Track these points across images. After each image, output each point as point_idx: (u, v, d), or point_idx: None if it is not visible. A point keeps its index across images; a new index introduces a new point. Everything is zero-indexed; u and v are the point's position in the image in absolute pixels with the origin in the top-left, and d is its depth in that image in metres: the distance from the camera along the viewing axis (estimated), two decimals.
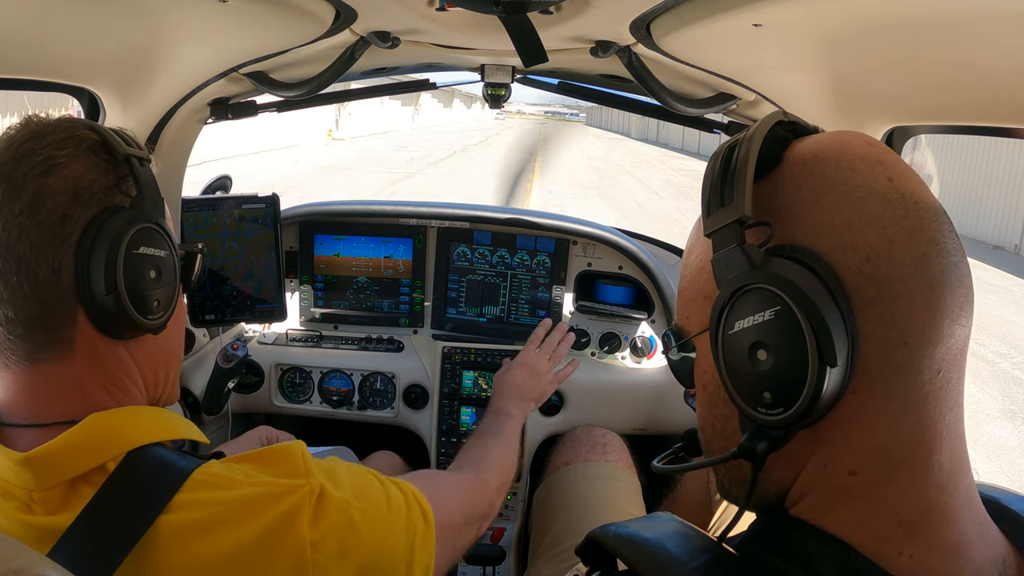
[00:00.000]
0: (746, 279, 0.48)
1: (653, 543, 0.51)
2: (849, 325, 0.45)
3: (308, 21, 1.00)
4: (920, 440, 0.46)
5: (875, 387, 0.46)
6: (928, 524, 0.46)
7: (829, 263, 0.46)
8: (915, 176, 0.50)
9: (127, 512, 0.59)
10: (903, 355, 0.46)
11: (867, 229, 0.47)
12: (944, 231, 0.48)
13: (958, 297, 0.47)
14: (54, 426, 0.62)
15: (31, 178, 0.63)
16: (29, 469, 0.59)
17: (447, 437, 1.77)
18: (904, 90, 0.91)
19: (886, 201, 0.47)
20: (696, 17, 0.87)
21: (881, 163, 0.49)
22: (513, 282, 1.89)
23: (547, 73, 1.63)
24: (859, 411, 0.47)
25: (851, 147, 0.50)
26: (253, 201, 1.54)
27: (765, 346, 0.47)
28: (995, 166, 11.97)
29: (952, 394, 0.47)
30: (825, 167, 0.49)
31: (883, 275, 0.46)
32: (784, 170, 0.51)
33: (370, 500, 0.71)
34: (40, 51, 0.96)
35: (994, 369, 6.03)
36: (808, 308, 0.44)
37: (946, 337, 0.46)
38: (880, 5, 0.71)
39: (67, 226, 0.64)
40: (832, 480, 0.48)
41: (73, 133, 0.68)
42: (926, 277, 0.46)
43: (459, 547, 0.91)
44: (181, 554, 0.59)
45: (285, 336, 1.88)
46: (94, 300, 0.64)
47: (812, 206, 0.49)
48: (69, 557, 0.54)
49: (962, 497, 0.47)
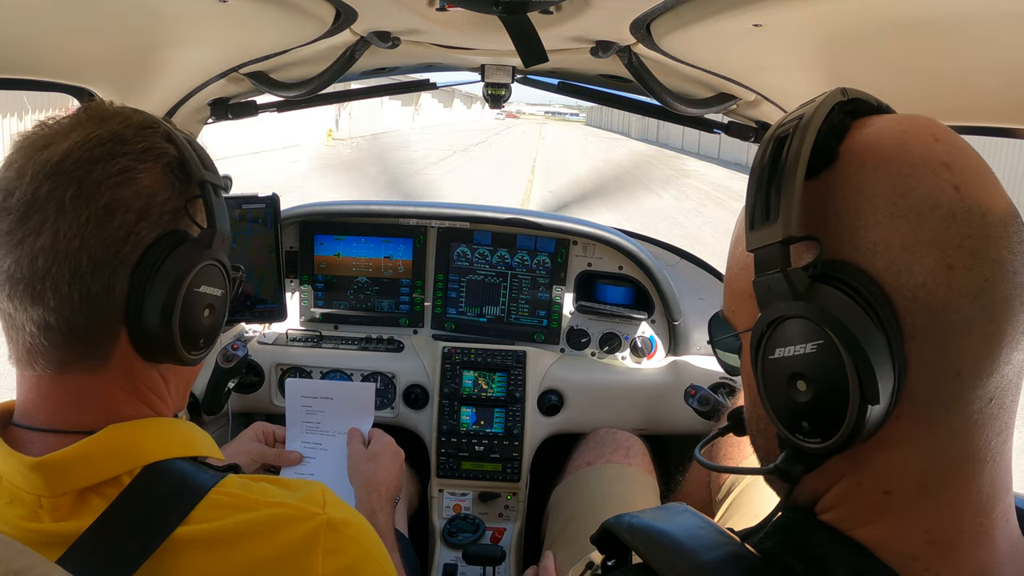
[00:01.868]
0: (788, 309, 0.45)
1: (667, 535, 0.50)
2: (897, 355, 0.42)
3: (308, 21, 1.00)
4: (961, 464, 0.44)
5: (920, 416, 0.44)
6: (959, 545, 0.45)
7: (881, 286, 0.43)
8: (984, 177, 0.45)
9: (142, 526, 0.58)
10: (954, 386, 0.43)
11: (925, 251, 0.42)
12: (1013, 245, 0.43)
13: (1020, 322, 0.43)
14: (72, 434, 0.61)
15: (106, 186, 0.60)
16: (40, 474, 0.58)
17: (447, 437, 1.77)
18: (904, 90, 0.90)
19: (950, 218, 0.42)
20: (696, 17, 0.87)
21: (948, 167, 0.44)
22: (513, 282, 1.89)
23: (547, 73, 1.63)
24: (901, 438, 0.45)
25: (916, 145, 0.45)
26: (253, 201, 1.54)
27: (805, 378, 0.44)
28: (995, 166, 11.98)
29: (1003, 418, 0.45)
30: (884, 173, 0.45)
31: (939, 303, 0.42)
32: (839, 171, 0.46)
33: (381, 556, 0.70)
34: (40, 51, 0.96)
35: None
36: (852, 346, 0.42)
37: (1002, 365, 0.43)
38: (880, 5, 0.71)
39: (129, 245, 0.61)
40: (865, 497, 0.47)
41: (154, 144, 0.64)
42: (986, 305, 0.42)
43: None
44: (193, 570, 0.58)
45: (285, 336, 1.88)
46: (143, 328, 0.62)
47: (868, 220, 0.44)
48: (78, 567, 0.53)
49: (999, 519, 0.46)
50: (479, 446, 1.76)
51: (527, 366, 1.79)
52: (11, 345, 0.62)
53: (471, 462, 1.76)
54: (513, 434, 1.76)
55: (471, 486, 1.78)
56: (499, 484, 1.77)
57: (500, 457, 1.76)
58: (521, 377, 1.78)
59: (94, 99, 1.12)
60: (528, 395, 1.78)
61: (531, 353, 1.82)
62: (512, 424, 1.76)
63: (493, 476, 1.76)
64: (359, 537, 0.66)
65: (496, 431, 1.77)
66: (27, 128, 0.64)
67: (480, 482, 1.77)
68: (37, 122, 0.64)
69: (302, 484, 0.68)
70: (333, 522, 0.64)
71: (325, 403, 1.46)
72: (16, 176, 0.59)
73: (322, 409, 1.45)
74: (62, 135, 0.61)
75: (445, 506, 1.78)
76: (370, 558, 0.67)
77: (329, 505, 0.66)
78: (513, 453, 1.76)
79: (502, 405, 1.78)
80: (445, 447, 1.76)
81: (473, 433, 1.77)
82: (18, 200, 0.59)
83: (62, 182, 0.59)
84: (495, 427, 1.77)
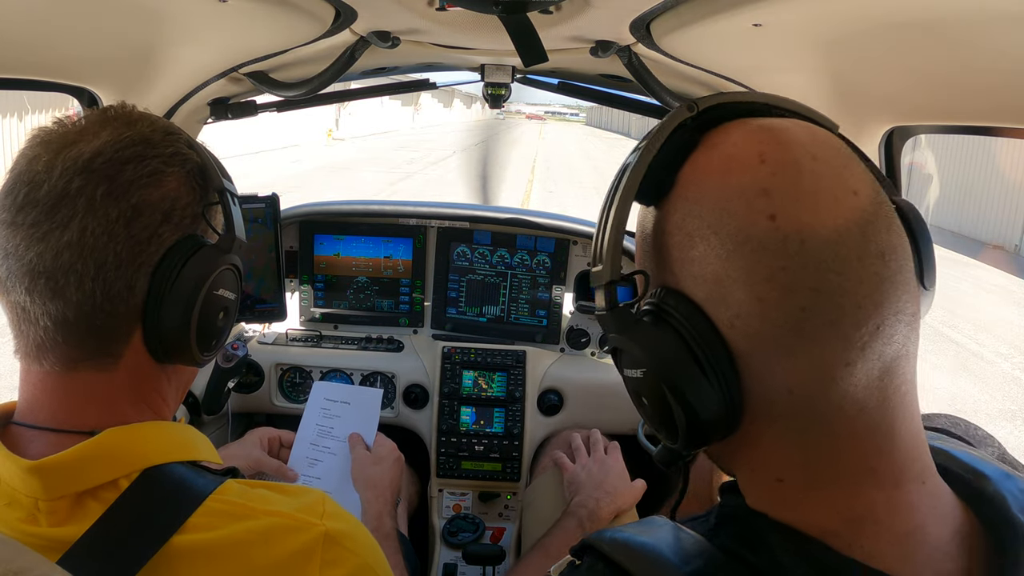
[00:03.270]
0: (614, 342, 0.51)
1: (649, 548, 0.50)
2: (725, 374, 0.46)
3: (308, 21, 1.00)
4: (841, 455, 0.46)
5: (772, 419, 0.47)
6: (875, 519, 0.46)
7: (705, 314, 0.46)
8: (814, 196, 0.44)
9: (139, 531, 0.58)
10: (789, 401, 0.46)
11: (736, 286, 0.45)
12: (844, 266, 0.43)
13: (863, 334, 0.44)
14: (72, 434, 0.60)
15: (136, 187, 0.61)
16: (37, 478, 0.58)
17: (447, 437, 1.77)
18: (904, 90, 0.90)
19: (761, 250, 0.44)
20: (696, 17, 0.87)
21: (767, 193, 0.44)
22: (513, 282, 1.89)
23: (547, 73, 1.63)
24: (761, 436, 0.48)
25: (737, 172, 0.46)
26: (253, 201, 1.54)
27: (642, 396, 0.51)
28: (995, 166, 11.97)
29: (889, 405, 0.46)
30: (702, 206, 0.47)
31: (754, 332, 0.45)
32: (671, 201, 0.50)
33: (380, 567, 0.70)
34: (40, 51, 0.96)
35: (994, 369, 6.03)
36: (664, 373, 0.47)
37: (845, 377, 0.44)
38: (880, 5, 0.71)
39: (152, 246, 0.62)
40: (764, 483, 0.50)
41: (180, 150, 0.66)
42: (807, 332, 0.44)
43: None
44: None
45: (285, 336, 1.88)
46: (160, 328, 0.63)
47: (690, 253, 0.47)
48: (74, 572, 0.53)
49: (912, 485, 0.47)
50: (479, 446, 1.76)
51: (527, 366, 1.79)
52: (20, 339, 0.62)
53: (471, 462, 1.76)
54: (513, 434, 1.76)
55: (471, 486, 1.78)
56: (499, 484, 1.77)
57: (500, 457, 1.76)
58: (521, 377, 1.78)
59: (94, 99, 1.12)
60: (528, 395, 1.78)
61: (531, 353, 1.82)
62: (512, 424, 1.76)
63: (493, 476, 1.76)
64: (357, 549, 0.66)
65: (496, 431, 1.77)
66: (36, 126, 0.65)
67: (480, 482, 1.77)
68: (55, 119, 0.65)
69: (301, 491, 0.68)
70: (331, 533, 0.64)
71: (343, 408, 1.47)
72: (44, 170, 0.59)
73: (339, 414, 1.46)
74: (91, 134, 0.62)
75: (445, 506, 1.78)
76: (368, 570, 0.66)
77: (328, 515, 0.65)
78: (513, 453, 1.76)
79: (502, 405, 1.78)
80: (445, 447, 1.76)
81: (473, 433, 1.77)
82: (46, 193, 0.59)
83: (93, 179, 0.59)
84: (495, 427, 1.77)
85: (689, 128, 0.50)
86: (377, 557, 0.69)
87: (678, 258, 0.48)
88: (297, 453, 1.39)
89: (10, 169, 0.62)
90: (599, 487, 1.36)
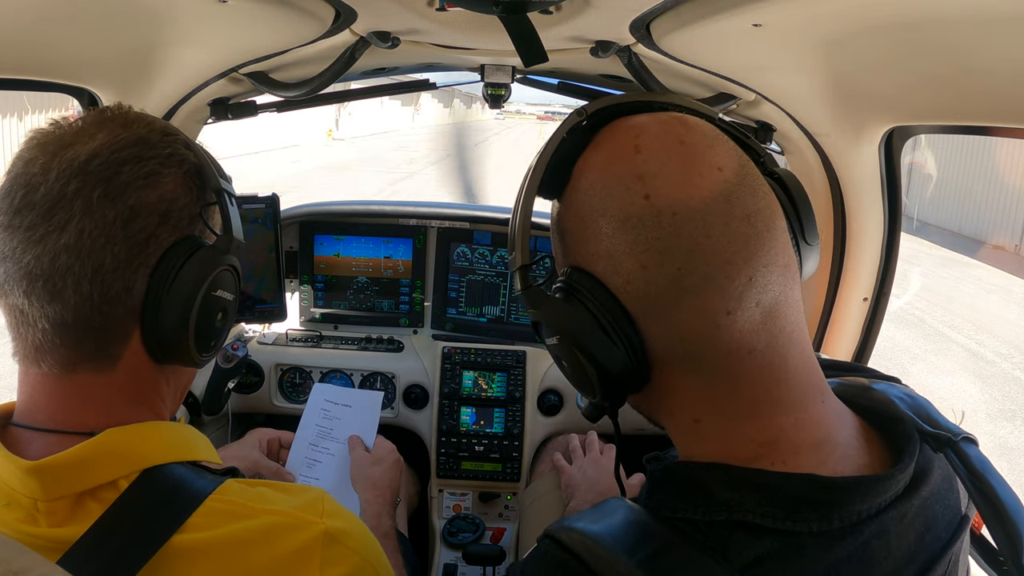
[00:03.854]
0: (534, 316, 0.58)
1: (602, 538, 0.53)
2: (626, 332, 0.53)
3: (308, 21, 1.00)
4: (741, 391, 0.53)
5: (674, 368, 0.55)
6: (787, 438, 0.53)
7: (604, 285, 0.54)
8: (683, 174, 0.52)
9: (139, 531, 0.58)
10: (684, 348, 0.53)
11: (623, 258, 0.53)
12: (712, 229, 0.51)
13: (737, 285, 0.51)
14: (71, 435, 0.60)
15: (133, 188, 0.60)
16: (36, 478, 0.57)
17: (447, 437, 1.77)
18: (904, 90, 0.90)
19: (640, 226, 0.52)
20: (696, 17, 0.87)
21: (640, 178, 0.52)
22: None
23: (547, 73, 1.63)
24: (669, 383, 0.56)
25: (616, 162, 0.55)
26: (253, 201, 1.54)
27: (561, 360, 0.58)
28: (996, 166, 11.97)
29: (777, 344, 0.53)
30: (590, 195, 0.55)
31: (643, 294, 0.53)
32: (568, 193, 0.58)
33: (379, 564, 0.70)
34: (40, 51, 0.96)
35: (994, 369, 6.03)
36: (576, 339, 0.55)
37: (729, 324, 0.52)
38: (880, 5, 0.71)
39: (150, 247, 0.62)
40: (683, 425, 0.58)
41: (177, 150, 0.66)
42: (687, 287, 0.51)
43: None
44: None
45: (285, 336, 1.88)
46: (158, 329, 0.62)
47: (585, 235, 0.56)
48: (74, 572, 0.52)
49: (814, 405, 0.55)
50: (479, 446, 1.76)
51: (527, 366, 1.79)
52: (18, 342, 0.62)
53: (471, 462, 1.76)
54: (513, 434, 1.76)
55: (471, 486, 1.78)
56: (499, 484, 1.77)
57: (500, 457, 1.76)
58: (521, 377, 1.78)
59: (94, 100, 1.12)
60: (528, 395, 1.78)
61: (531, 353, 1.81)
62: (512, 424, 1.76)
63: (493, 476, 1.76)
64: (357, 547, 0.66)
65: (496, 431, 1.77)
66: (32, 127, 0.64)
67: (480, 482, 1.77)
68: (51, 121, 0.64)
69: (301, 489, 0.68)
70: (331, 532, 0.64)
71: (344, 410, 1.47)
72: (41, 172, 0.59)
73: (339, 416, 1.46)
74: (87, 135, 0.62)
75: (445, 506, 1.78)
76: (368, 567, 0.67)
77: (327, 513, 0.65)
78: (513, 453, 1.76)
79: (502, 405, 1.78)
80: (445, 447, 1.76)
81: (473, 433, 1.77)
82: (42, 196, 0.58)
83: (89, 181, 0.59)
84: (495, 427, 1.77)
85: (581, 130, 0.58)
86: (377, 555, 0.69)
87: (576, 239, 0.57)
88: (296, 454, 1.39)
89: (7, 172, 0.62)
90: (592, 488, 1.36)
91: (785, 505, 0.50)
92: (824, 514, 0.50)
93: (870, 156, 1.17)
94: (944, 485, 0.59)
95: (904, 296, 7.73)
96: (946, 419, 0.62)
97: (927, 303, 7.77)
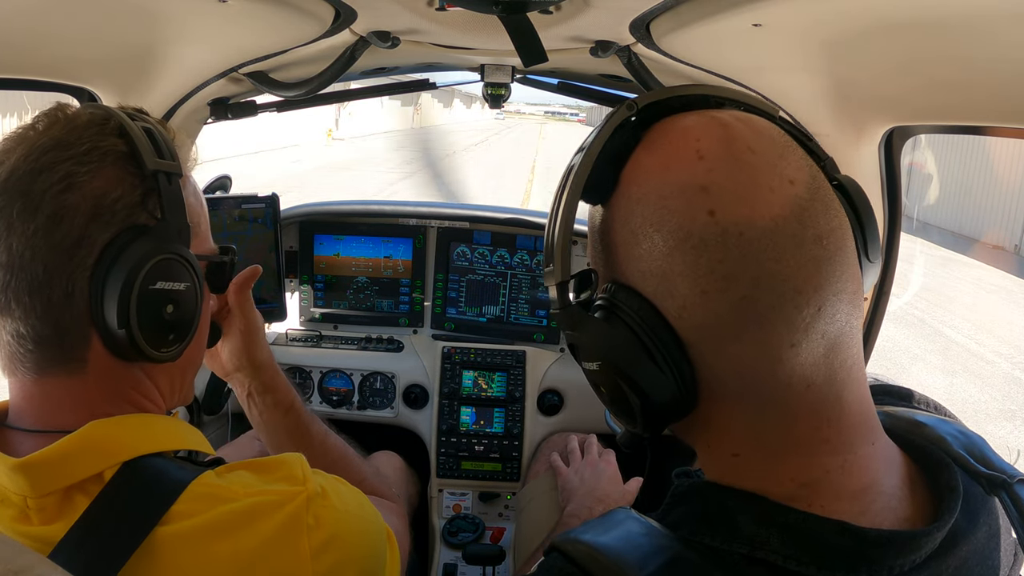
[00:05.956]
0: (572, 338, 0.53)
1: (609, 550, 0.50)
2: (677, 362, 0.48)
3: (308, 21, 1.00)
4: (792, 429, 0.48)
5: (724, 400, 0.49)
6: (830, 481, 0.48)
7: (654, 306, 0.48)
8: (751, 188, 0.46)
9: (122, 523, 0.58)
10: (739, 383, 0.48)
11: (679, 280, 0.47)
12: (782, 253, 0.45)
13: (805, 316, 0.46)
14: (56, 434, 0.61)
15: (49, 196, 0.59)
16: (23, 475, 0.58)
17: (447, 437, 1.77)
18: (904, 90, 0.90)
19: (702, 246, 0.46)
20: (696, 17, 0.87)
21: (705, 190, 0.46)
22: (513, 282, 1.89)
23: (547, 73, 1.63)
24: (713, 417, 0.50)
25: (676, 170, 0.48)
26: (253, 201, 1.54)
27: (600, 387, 0.53)
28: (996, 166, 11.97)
29: (836, 379, 0.48)
30: (644, 205, 0.49)
31: (700, 322, 0.47)
32: (615, 200, 0.51)
33: (368, 517, 0.71)
34: (40, 51, 0.96)
35: (994, 369, 6.03)
36: (619, 367, 0.49)
37: (792, 357, 0.46)
38: (880, 6, 0.71)
39: (83, 249, 0.60)
40: (721, 458, 0.52)
41: (99, 143, 0.62)
42: (750, 317, 0.46)
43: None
44: (178, 566, 0.58)
45: (285, 336, 1.88)
46: (108, 330, 0.62)
47: (635, 250, 0.49)
48: (63, 567, 0.53)
49: (862, 449, 0.49)
50: (479, 446, 1.76)
51: (527, 366, 1.79)
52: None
53: (471, 462, 1.76)
54: (513, 434, 1.76)
55: (471, 486, 1.78)
56: (499, 484, 1.77)
57: (500, 457, 1.76)
58: (521, 377, 1.78)
59: (94, 99, 1.12)
60: (528, 395, 1.78)
61: (531, 353, 1.82)
62: (512, 424, 1.76)
63: (493, 476, 1.76)
64: (335, 502, 0.67)
65: (496, 431, 1.77)
66: None
67: (480, 482, 1.77)
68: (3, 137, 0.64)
69: (278, 463, 0.68)
70: (311, 495, 0.64)
71: None
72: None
73: None
74: (10, 151, 0.62)
75: (445, 506, 1.78)
76: (349, 516, 0.67)
77: (308, 478, 0.66)
78: (513, 453, 1.76)
79: (502, 405, 1.78)
80: (445, 447, 1.76)
81: (473, 433, 1.77)
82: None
83: (10, 199, 0.59)
84: (495, 427, 1.77)
85: (630, 126, 0.51)
86: (356, 501, 0.71)
87: (625, 255, 0.50)
88: None
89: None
90: (590, 493, 1.35)
91: (812, 550, 0.46)
92: (852, 566, 0.45)
93: (870, 156, 1.17)
94: (991, 544, 0.53)
95: (904, 296, 7.73)
96: (1001, 459, 0.56)
97: (927, 303, 7.77)
